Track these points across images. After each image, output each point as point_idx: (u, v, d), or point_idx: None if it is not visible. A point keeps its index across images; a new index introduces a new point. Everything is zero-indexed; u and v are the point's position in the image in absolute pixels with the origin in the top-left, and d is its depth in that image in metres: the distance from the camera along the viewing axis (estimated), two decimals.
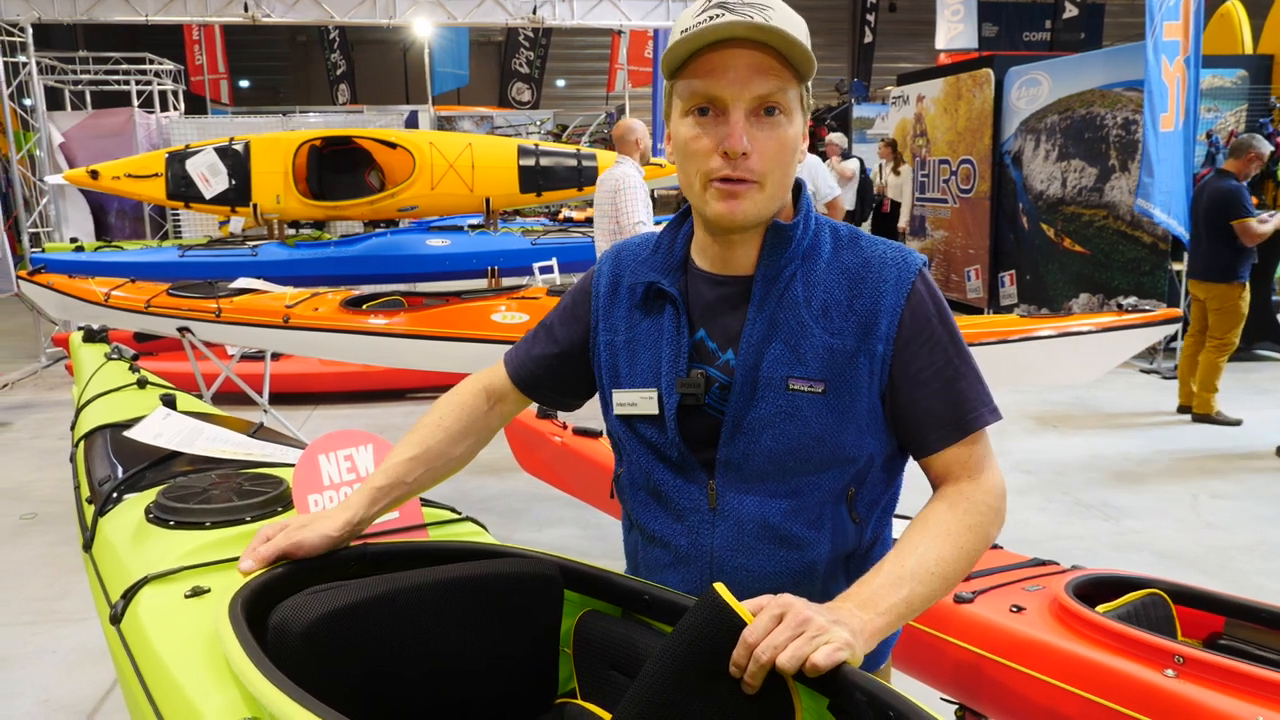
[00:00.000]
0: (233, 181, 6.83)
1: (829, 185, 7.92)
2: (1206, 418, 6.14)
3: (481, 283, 7.23)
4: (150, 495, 1.78)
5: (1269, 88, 8.04)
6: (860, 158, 10.93)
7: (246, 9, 8.74)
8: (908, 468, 1.37)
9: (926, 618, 2.03)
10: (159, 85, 11.00)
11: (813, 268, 1.29)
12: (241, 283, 5.35)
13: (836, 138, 10.36)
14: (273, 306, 5.00)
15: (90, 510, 1.90)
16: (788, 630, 0.98)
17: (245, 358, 6.56)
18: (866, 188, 10.53)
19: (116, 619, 1.41)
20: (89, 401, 2.66)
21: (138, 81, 10.76)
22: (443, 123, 12.94)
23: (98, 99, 11.31)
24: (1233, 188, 6.05)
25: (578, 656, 1.39)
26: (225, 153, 6.84)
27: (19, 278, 5.79)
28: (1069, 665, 1.80)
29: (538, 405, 1.59)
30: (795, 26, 1.17)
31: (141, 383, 2.80)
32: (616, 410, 1.37)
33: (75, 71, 10.85)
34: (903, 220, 10.78)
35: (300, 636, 1.16)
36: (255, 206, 6.89)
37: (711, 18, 1.16)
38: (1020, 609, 1.97)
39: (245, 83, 21.96)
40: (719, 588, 1.02)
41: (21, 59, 8.83)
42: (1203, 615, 1.96)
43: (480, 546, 1.46)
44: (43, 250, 7.36)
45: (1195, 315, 6.34)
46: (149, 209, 10.14)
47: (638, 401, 1.33)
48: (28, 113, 9.51)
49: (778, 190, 1.25)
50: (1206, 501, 4.77)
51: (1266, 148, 6.24)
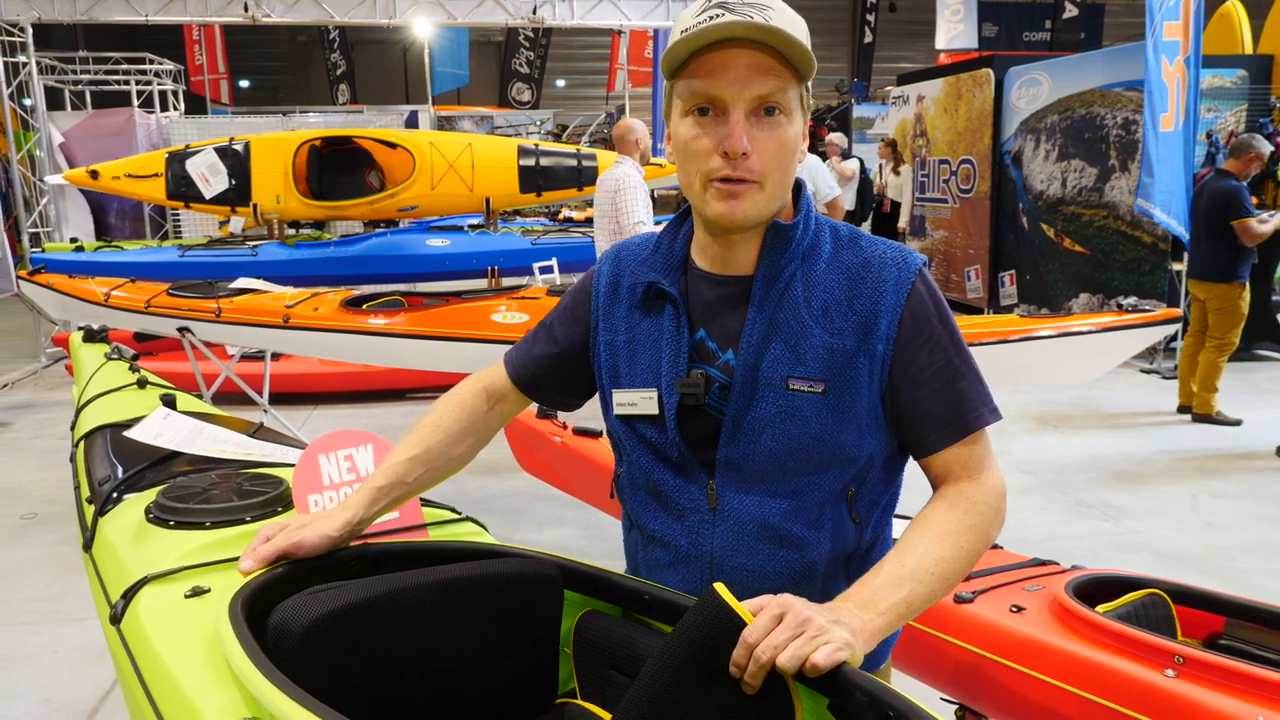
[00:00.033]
0: (233, 181, 6.83)
1: (829, 185, 7.92)
2: (1207, 418, 6.14)
3: (481, 283, 7.23)
4: (150, 495, 1.78)
5: (1269, 88, 8.04)
6: (860, 158, 10.93)
7: (246, 9, 8.74)
8: (908, 468, 1.37)
9: (926, 618, 2.03)
10: (159, 85, 11.00)
11: (813, 268, 1.29)
12: (241, 283, 5.35)
13: (836, 138, 10.35)
14: (273, 306, 5.00)
15: (90, 510, 1.90)
16: (788, 630, 0.98)
17: (245, 358, 6.56)
18: (866, 188, 10.53)
19: (116, 619, 1.41)
20: (89, 401, 2.66)
21: (138, 81, 10.76)
22: (443, 123, 12.94)
23: (98, 99, 11.31)
24: (1233, 188, 6.05)
25: (578, 656, 1.39)
26: (225, 153, 6.84)
27: (19, 278, 5.79)
28: (1069, 665, 1.80)
29: (538, 405, 1.59)
30: (795, 26, 1.18)
31: (141, 383, 2.80)
32: (616, 410, 1.37)
33: (75, 71, 10.85)
34: (903, 220, 10.78)
35: (300, 636, 1.16)
36: (255, 206, 6.89)
37: (711, 18, 1.16)
38: (1020, 609, 1.97)
39: (245, 83, 21.97)
40: (719, 588, 1.02)
41: (21, 59, 8.83)
42: (1203, 615, 1.96)
43: (480, 546, 1.46)
44: (43, 250, 7.36)
45: (1195, 315, 6.34)
46: (149, 209, 10.14)
47: (638, 401, 1.33)
48: (28, 113, 9.51)
49: (778, 190, 1.25)
50: (1206, 501, 4.77)
51: (1266, 148, 6.23)
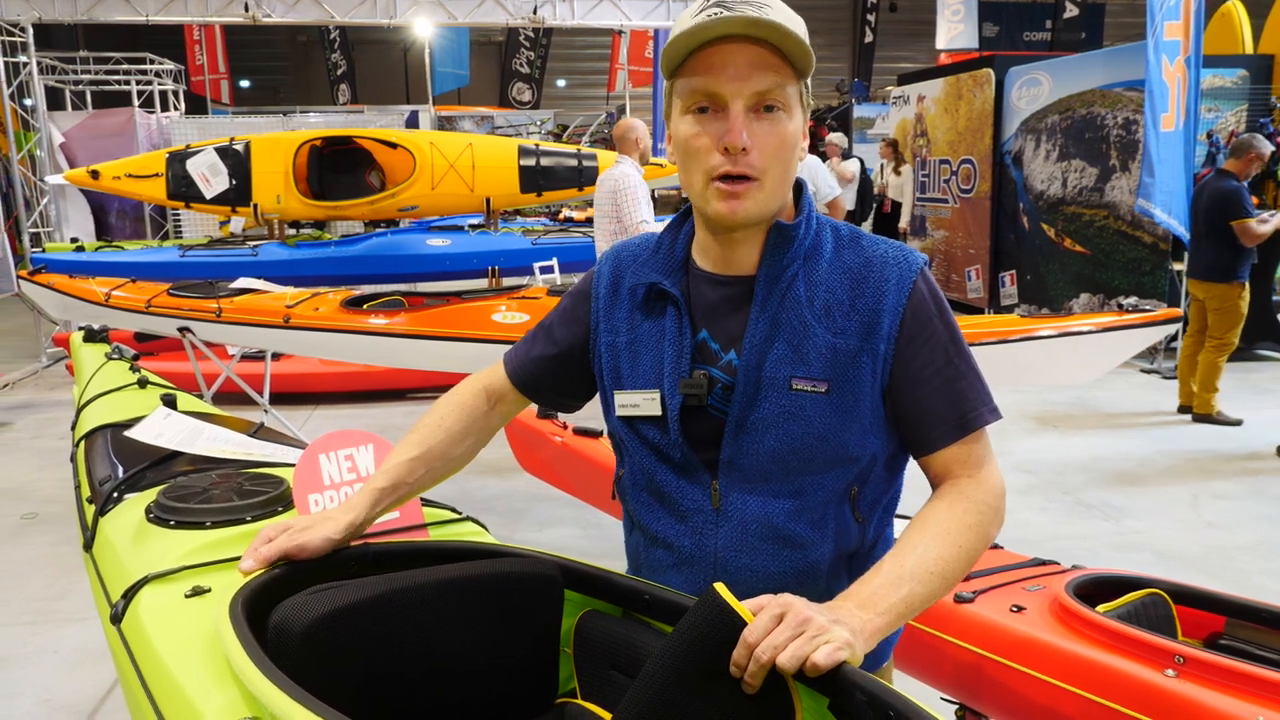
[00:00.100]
0: (233, 181, 6.84)
1: (829, 185, 7.92)
2: (1207, 418, 6.14)
3: (482, 283, 7.22)
4: (151, 495, 1.78)
5: (1269, 88, 8.03)
6: (860, 157, 10.93)
7: (247, 9, 8.74)
8: (908, 468, 1.37)
9: (927, 617, 2.03)
10: (159, 85, 11.00)
11: (815, 267, 1.29)
12: (242, 283, 5.35)
13: (836, 138, 10.35)
14: (273, 306, 5.00)
15: (91, 510, 1.90)
16: (788, 630, 0.98)
17: (246, 358, 6.56)
18: (867, 188, 10.53)
19: (117, 619, 1.41)
20: (89, 401, 2.66)
21: (138, 81, 10.76)
22: (443, 123, 12.95)
23: (98, 99, 11.31)
24: (1233, 188, 6.05)
25: (578, 656, 1.39)
26: (226, 153, 6.85)
27: (19, 278, 5.79)
28: (1069, 665, 1.80)
29: (538, 406, 1.59)
30: (793, 22, 1.18)
31: (142, 383, 2.80)
32: (618, 412, 1.36)
33: (76, 71, 10.85)
34: (904, 220, 10.78)
35: (301, 636, 1.16)
36: (256, 206, 6.89)
37: (710, 15, 1.16)
38: (1021, 609, 1.97)
39: (246, 83, 21.98)
40: (719, 587, 1.03)
41: (22, 59, 8.84)
42: (1203, 615, 1.96)
43: (481, 546, 1.46)
44: (43, 250, 7.37)
45: (1195, 315, 6.34)
46: (149, 209, 10.14)
47: (640, 403, 1.33)
48: (28, 113, 9.52)
49: (778, 187, 1.25)
50: (1207, 501, 4.77)
51: (1267, 148, 6.23)
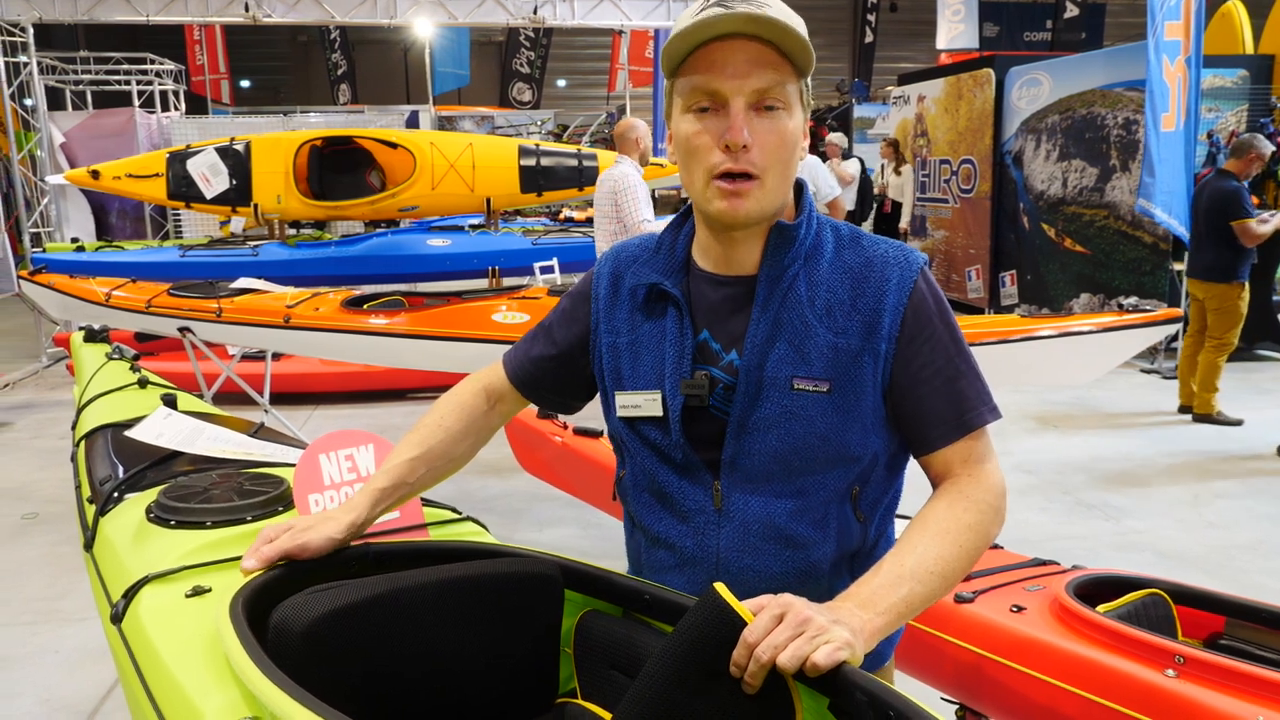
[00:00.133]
0: (233, 181, 6.84)
1: (829, 185, 7.91)
2: (1207, 418, 6.14)
3: (482, 283, 7.23)
4: (151, 495, 1.78)
5: (1270, 88, 8.03)
6: (860, 157, 10.92)
7: (247, 9, 8.74)
8: (909, 467, 1.37)
9: (927, 618, 2.03)
10: (160, 85, 11.01)
11: (815, 267, 1.29)
12: (242, 283, 5.35)
13: (836, 138, 10.34)
14: (273, 306, 5.00)
15: (91, 510, 1.90)
16: (788, 630, 0.98)
17: (246, 358, 6.56)
18: (867, 188, 10.53)
19: (117, 618, 1.41)
20: (90, 401, 2.66)
21: (139, 81, 10.76)
22: (443, 123, 12.95)
23: (99, 99, 11.31)
24: (1233, 188, 6.05)
25: (578, 656, 1.39)
26: (226, 153, 6.85)
27: (20, 278, 5.80)
28: (1069, 665, 1.80)
29: (538, 406, 1.59)
30: (793, 20, 1.19)
31: (142, 383, 2.80)
32: (620, 413, 1.36)
33: (76, 71, 10.85)
34: (904, 220, 10.78)
35: (301, 636, 1.16)
36: (256, 206, 6.90)
37: (710, 14, 1.17)
38: (1021, 609, 1.97)
39: (246, 83, 21.99)
40: (719, 587, 1.03)
41: (22, 59, 8.84)
42: (1203, 615, 1.95)
43: (481, 546, 1.46)
44: (44, 250, 7.37)
45: (1195, 315, 6.34)
46: (150, 209, 10.14)
47: (641, 403, 1.33)
48: (29, 113, 9.52)
49: (779, 185, 1.25)
50: (1207, 501, 4.77)
51: (1268, 148, 6.23)
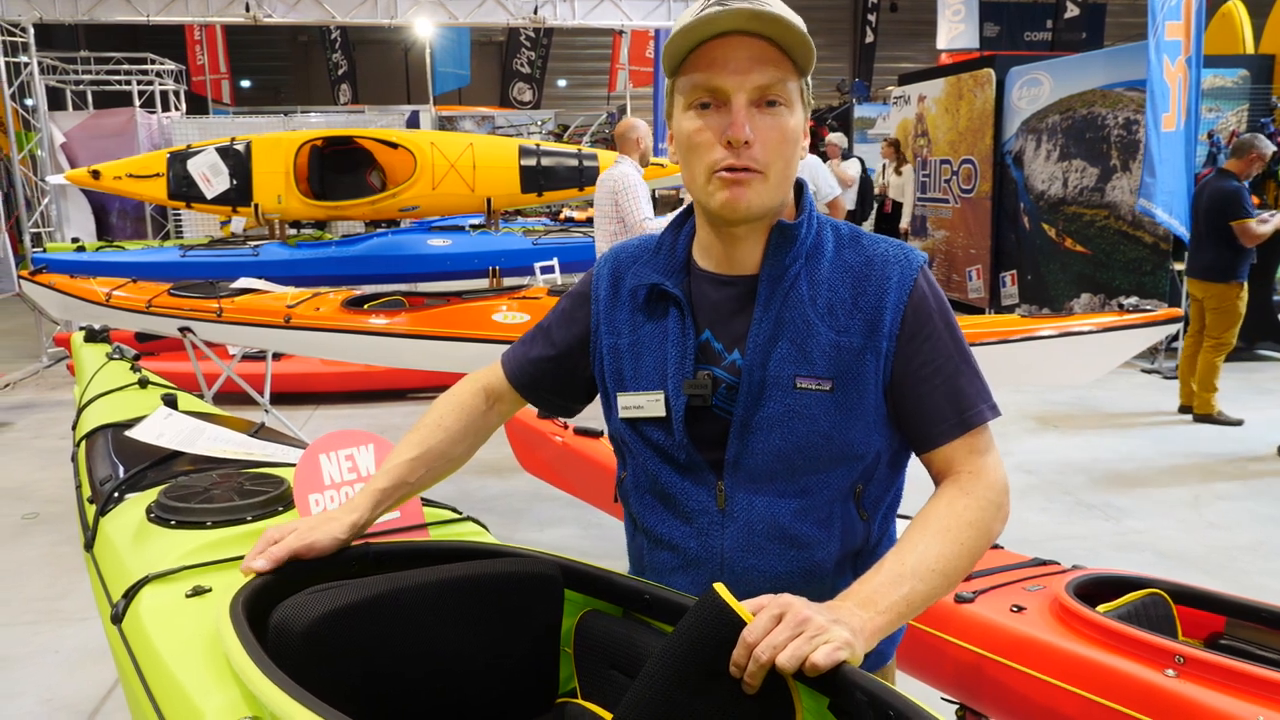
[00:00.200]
0: (234, 181, 6.84)
1: (829, 185, 7.91)
2: (1207, 418, 6.14)
3: (483, 283, 7.23)
4: (151, 495, 1.78)
5: (1270, 88, 8.03)
6: (861, 157, 10.92)
7: (248, 9, 8.74)
8: (911, 466, 1.37)
9: (927, 617, 2.03)
10: (160, 85, 11.02)
11: (817, 267, 1.29)
12: (243, 283, 5.35)
13: (837, 138, 10.34)
14: (274, 306, 5.00)
15: (92, 510, 1.90)
16: (787, 630, 0.98)
17: (246, 358, 6.56)
18: (868, 188, 10.53)
19: (118, 618, 1.41)
20: (90, 401, 2.66)
21: (139, 81, 10.77)
22: (444, 123, 12.95)
23: (99, 99, 11.31)
24: (1233, 188, 6.05)
25: (578, 656, 1.39)
26: (226, 153, 6.85)
27: (20, 278, 5.80)
28: (1069, 665, 1.80)
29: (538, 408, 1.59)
30: (793, 17, 1.19)
31: (143, 382, 2.80)
32: (622, 414, 1.36)
33: (77, 71, 10.86)
34: (905, 220, 10.77)
35: (301, 636, 1.16)
36: (256, 206, 6.90)
37: (711, 11, 1.17)
38: (1021, 609, 1.97)
39: (246, 83, 22.00)
40: (718, 587, 1.03)
41: (23, 59, 8.84)
42: (1203, 615, 1.95)
43: (481, 546, 1.46)
44: (44, 250, 7.38)
45: (1195, 315, 6.33)
46: (150, 209, 10.14)
47: (644, 404, 1.33)
48: (29, 113, 9.52)
49: (781, 181, 1.25)
50: (1208, 501, 4.77)
51: (1269, 148, 6.22)
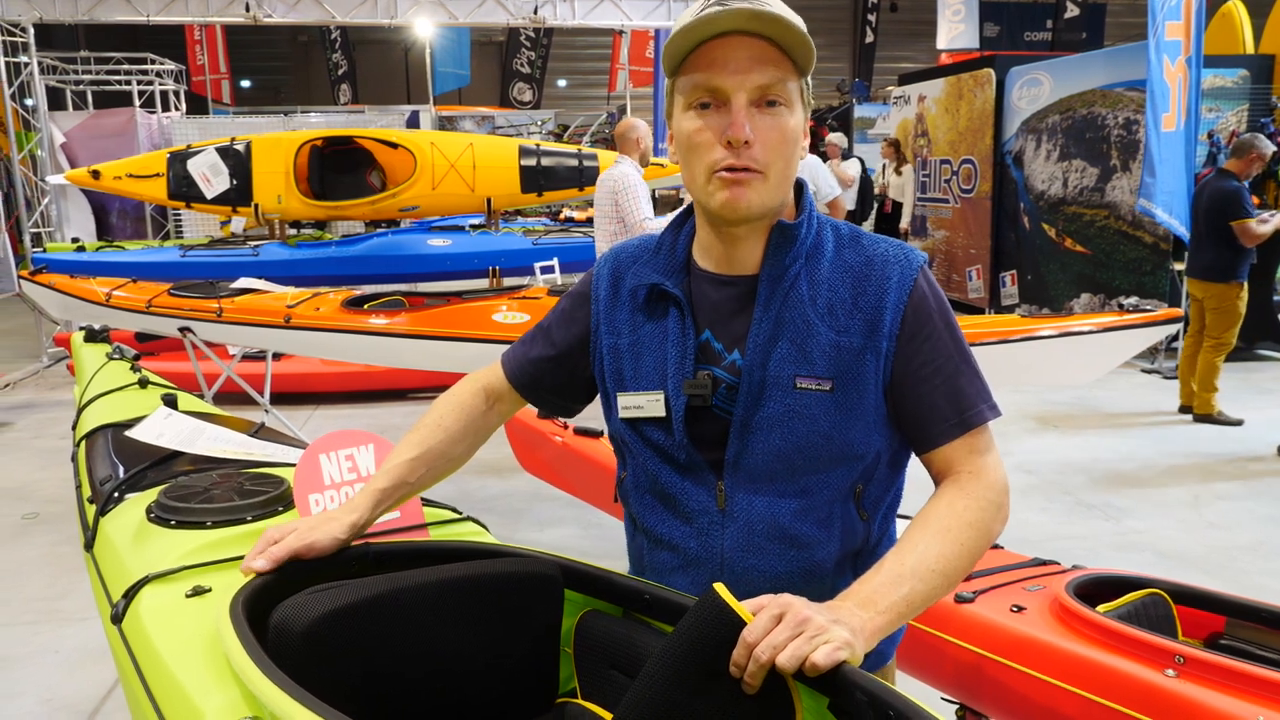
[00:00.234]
0: (234, 181, 6.84)
1: (829, 185, 7.91)
2: (1208, 418, 6.14)
3: (483, 283, 7.23)
4: (151, 495, 1.78)
5: (1270, 87, 8.03)
6: (861, 157, 10.92)
7: (248, 9, 8.74)
8: (910, 467, 1.37)
9: (927, 617, 2.03)
10: (160, 85, 11.01)
11: (817, 267, 1.29)
12: (243, 283, 5.35)
13: (836, 138, 10.34)
14: (274, 306, 5.00)
15: (92, 510, 1.90)
16: (787, 630, 0.98)
17: (246, 358, 6.56)
18: (868, 188, 10.53)
19: (118, 618, 1.41)
20: (90, 401, 2.66)
21: (139, 81, 10.77)
22: (444, 123, 12.96)
23: (99, 99, 11.31)
24: (1233, 188, 6.04)
25: (578, 656, 1.39)
26: (226, 153, 6.85)
27: (20, 277, 5.80)
28: (1069, 665, 1.80)
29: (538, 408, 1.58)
30: (793, 17, 1.19)
31: (143, 382, 2.80)
32: (622, 414, 1.36)
33: (77, 71, 10.86)
34: (905, 220, 10.77)
35: (301, 636, 1.16)
36: (256, 206, 6.90)
37: (711, 10, 1.17)
38: (1021, 609, 1.97)
39: (246, 83, 22.00)
40: (718, 587, 1.03)
41: (23, 59, 8.84)
42: (1203, 615, 1.95)
43: (481, 546, 1.46)
44: (44, 250, 7.38)
45: (1195, 315, 6.33)
46: (150, 209, 10.15)
47: (644, 404, 1.33)
48: (29, 113, 9.52)
49: (781, 181, 1.25)
50: (1208, 501, 4.77)
51: (1269, 148, 6.22)
